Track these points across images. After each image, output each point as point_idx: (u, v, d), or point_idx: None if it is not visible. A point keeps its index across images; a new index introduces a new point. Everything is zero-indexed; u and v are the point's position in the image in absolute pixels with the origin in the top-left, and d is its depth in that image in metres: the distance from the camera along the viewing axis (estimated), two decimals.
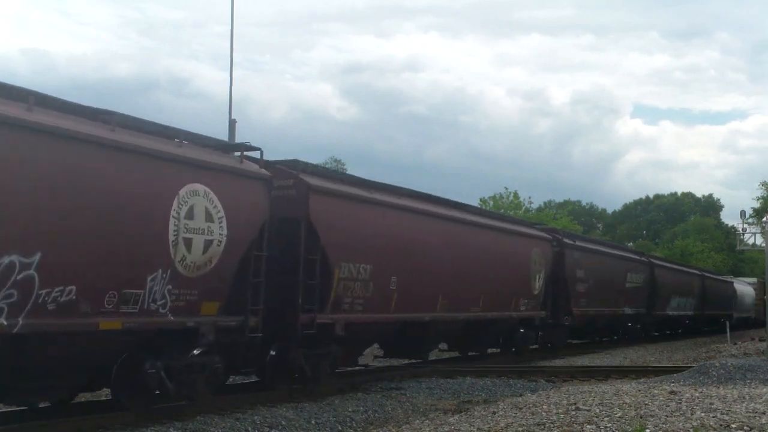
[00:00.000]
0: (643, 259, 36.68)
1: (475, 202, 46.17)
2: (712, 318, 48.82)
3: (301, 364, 14.51)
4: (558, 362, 23.91)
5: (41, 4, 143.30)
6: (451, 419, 12.06)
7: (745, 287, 60.55)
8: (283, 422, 12.11)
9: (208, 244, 11.80)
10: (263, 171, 13.26)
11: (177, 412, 11.98)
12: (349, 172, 31.56)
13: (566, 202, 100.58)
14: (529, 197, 63.02)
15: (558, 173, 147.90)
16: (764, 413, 11.41)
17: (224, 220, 12.06)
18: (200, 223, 11.64)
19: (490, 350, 23.90)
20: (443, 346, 23.22)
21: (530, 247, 23.75)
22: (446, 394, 15.96)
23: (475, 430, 10.79)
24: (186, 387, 12.01)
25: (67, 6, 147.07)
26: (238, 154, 13.11)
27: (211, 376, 12.55)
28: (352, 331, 15.43)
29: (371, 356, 21.10)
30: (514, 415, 11.94)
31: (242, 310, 12.81)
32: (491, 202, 58.58)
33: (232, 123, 18.00)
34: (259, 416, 12.27)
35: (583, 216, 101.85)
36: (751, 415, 11.32)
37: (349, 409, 13.53)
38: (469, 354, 23.19)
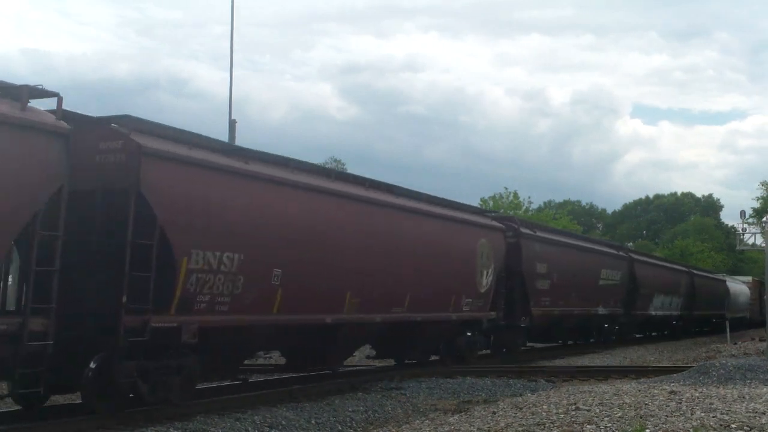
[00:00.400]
0: (620, 253, 33.55)
1: (475, 202, 46.14)
2: (702, 318, 46.99)
3: (130, 381, 11.28)
4: (558, 362, 23.91)
5: (41, 4, 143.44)
6: (451, 419, 12.05)
7: (739, 286, 58.03)
8: (283, 422, 12.11)
9: None
10: (60, 123, 10.15)
11: (178, 412, 11.99)
12: (349, 171, 31.21)
13: (566, 202, 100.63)
14: (529, 197, 63.01)
15: (557, 173, 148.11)
16: (764, 413, 11.41)
17: None
18: None
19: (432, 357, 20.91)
20: (370, 352, 20.34)
21: (477, 238, 20.40)
22: (446, 394, 15.96)
23: (475, 430, 10.79)
24: None
25: (67, 6, 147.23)
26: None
27: None
28: (214, 337, 12.59)
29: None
30: (514, 415, 11.94)
31: (18, 310, 10.03)
32: (491, 202, 58.56)
33: (232, 123, 17.99)
34: (259, 416, 12.27)
35: (583, 216, 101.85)
36: (751, 415, 11.32)
37: (349, 409, 13.53)
38: (407, 362, 20.07)
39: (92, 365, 10.90)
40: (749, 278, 63.78)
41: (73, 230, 10.54)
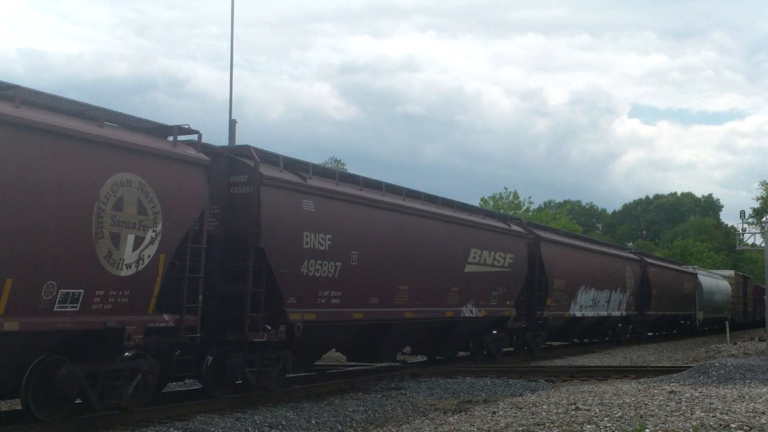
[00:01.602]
0: (514, 228, 22.95)
1: (474, 202, 46.14)
2: (661, 320, 38.61)
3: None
4: (558, 362, 23.92)
5: (38, 4, 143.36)
6: (451, 419, 12.07)
7: (716, 281, 48.93)
8: (284, 422, 12.12)
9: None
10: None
11: (178, 412, 12.01)
12: (349, 171, 31.41)
13: (566, 202, 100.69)
14: (529, 197, 63.02)
15: (556, 173, 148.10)
16: (764, 413, 11.43)
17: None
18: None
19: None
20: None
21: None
22: (446, 394, 15.97)
23: (475, 429, 10.81)
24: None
25: (64, 6, 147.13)
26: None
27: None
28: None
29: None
30: (514, 414, 11.96)
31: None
32: (491, 202, 58.63)
33: (232, 123, 17.96)
34: (260, 416, 12.29)
35: (583, 216, 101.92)
36: (751, 414, 11.34)
37: (350, 409, 13.54)
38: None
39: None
40: (731, 272, 57.27)
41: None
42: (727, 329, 34.30)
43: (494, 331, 22.25)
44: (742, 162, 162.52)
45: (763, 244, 37.67)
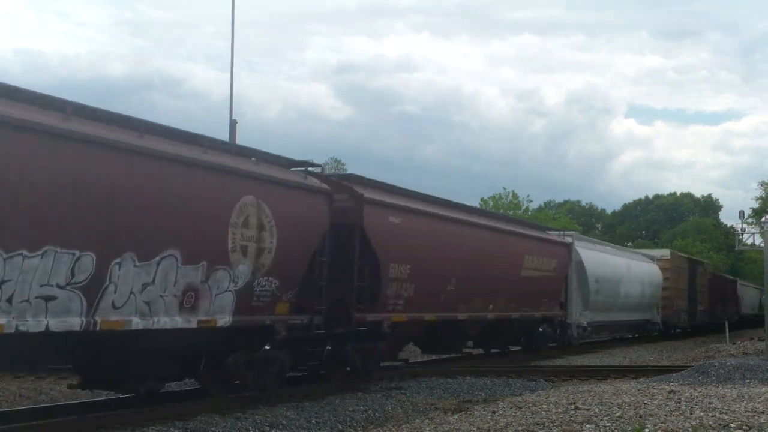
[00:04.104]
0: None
1: (474, 202, 46.21)
2: (528, 323, 23.82)
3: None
4: (557, 362, 23.95)
5: (35, 4, 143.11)
6: (451, 418, 12.09)
7: (636, 265, 33.01)
8: (284, 422, 12.14)
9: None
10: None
11: (178, 412, 12.04)
12: (349, 171, 31.69)
13: (566, 202, 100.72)
14: (528, 197, 63.09)
15: (554, 173, 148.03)
16: (763, 413, 11.46)
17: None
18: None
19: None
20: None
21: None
22: (446, 394, 16.00)
23: (475, 429, 10.83)
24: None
25: (61, 6, 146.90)
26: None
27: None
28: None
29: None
30: (513, 414, 11.98)
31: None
32: (491, 202, 58.71)
33: (232, 123, 18.00)
34: (260, 416, 12.29)
35: (583, 216, 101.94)
36: (750, 414, 11.36)
37: (350, 409, 13.55)
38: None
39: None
40: (664, 252, 39.83)
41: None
42: (727, 329, 34.25)
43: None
44: (739, 162, 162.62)
45: (762, 244, 37.66)
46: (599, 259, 29.68)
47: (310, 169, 14.62)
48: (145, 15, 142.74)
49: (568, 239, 27.44)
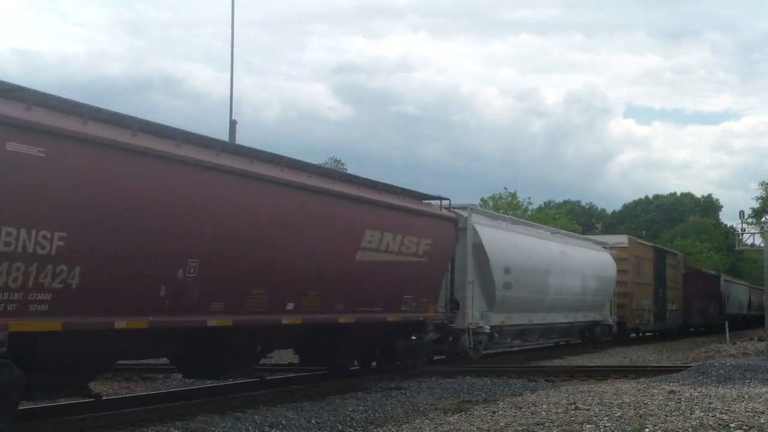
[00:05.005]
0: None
1: (473, 202, 46.02)
2: (375, 330, 18.13)
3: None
4: (557, 362, 23.95)
5: (33, 4, 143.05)
6: (451, 418, 12.09)
7: (576, 252, 27.25)
8: (284, 422, 12.14)
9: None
10: (452, 213, 19.19)
11: (178, 412, 12.04)
12: (349, 171, 31.68)
13: (566, 202, 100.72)
14: (529, 197, 63.09)
15: (553, 173, 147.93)
16: (763, 413, 11.46)
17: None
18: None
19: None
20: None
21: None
22: (446, 394, 16.00)
23: (475, 429, 10.83)
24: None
25: (60, 6, 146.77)
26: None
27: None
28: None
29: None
30: (513, 414, 11.98)
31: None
32: (491, 202, 58.69)
33: (232, 124, 18.01)
34: (260, 415, 12.30)
35: (583, 216, 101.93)
36: (750, 414, 11.36)
37: (349, 409, 13.56)
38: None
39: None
40: (621, 238, 33.57)
41: None
42: (726, 329, 34.24)
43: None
44: (738, 162, 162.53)
45: (762, 244, 37.66)
46: (511, 241, 23.06)
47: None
48: (145, 15, 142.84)
49: (461, 212, 20.52)
